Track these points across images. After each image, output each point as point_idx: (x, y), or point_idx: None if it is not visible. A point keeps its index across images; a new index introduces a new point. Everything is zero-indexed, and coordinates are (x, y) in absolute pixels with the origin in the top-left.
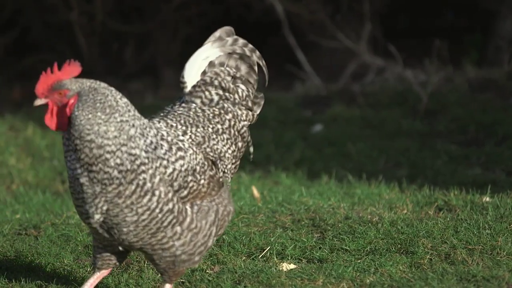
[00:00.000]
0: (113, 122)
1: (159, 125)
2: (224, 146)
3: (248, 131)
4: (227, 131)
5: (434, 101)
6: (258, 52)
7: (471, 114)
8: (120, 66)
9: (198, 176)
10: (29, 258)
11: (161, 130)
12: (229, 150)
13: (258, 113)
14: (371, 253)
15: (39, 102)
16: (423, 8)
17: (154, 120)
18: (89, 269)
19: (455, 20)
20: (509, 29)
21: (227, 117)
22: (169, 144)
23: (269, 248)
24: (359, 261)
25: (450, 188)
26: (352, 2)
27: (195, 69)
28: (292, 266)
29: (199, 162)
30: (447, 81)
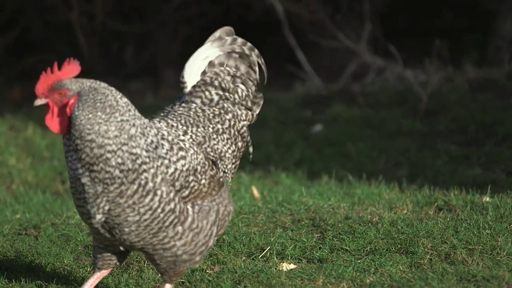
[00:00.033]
0: (114, 122)
1: (160, 125)
2: (225, 146)
3: (248, 131)
4: (227, 131)
5: (434, 101)
6: (257, 51)
7: (471, 114)
8: (120, 66)
9: (199, 176)
10: (29, 258)
11: (162, 130)
12: (229, 150)
13: (258, 113)
14: (371, 253)
15: (39, 102)
16: (423, 8)
17: (155, 120)
18: (89, 269)
19: (455, 20)
20: (509, 29)
21: (227, 117)
22: (170, 144)
23: (269, 248)
24: (359, 261)
25: (450, 188)
26: (352, 2)
27: (195, 69)
28: (292, 266)
29: (200, 162)
30: (447, 81)
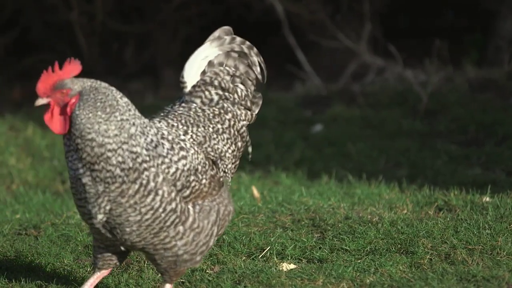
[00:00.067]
0: (114, 121)
1: (160, 125)
2: (225, 146)
3: (247, 131)
4: (227, 131)
5: (434, 101)
6: (256, 49)
7: (471, 114)
8: (120, 66)
9: (200, 176)
10: (29, 258)
11: (162, 130)
12: (229, 150)
13: (257, 113)
14: (371, 253)
15: (41, 102)
16: (423, 8)
17: (155, 120)
18: (89, 269)
19: (455, 20)
20: (509, 29)
21: (227, 117)
22: (170, 143)
23: (269, 248)
24: (359, 261)
25: (450, 188)
26: (352, 2)
27: (195, 69)
28: (292, 266)
29: (201, 162)
30: (447, 81)
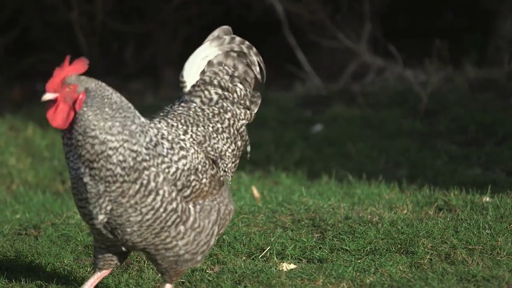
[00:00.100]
0: (118, 118)
1: (160, 125)
2: (225, 145)
3: (246, 130)
4: (227, 130)
5: (434, 101)
6: (255, 49)
7: (471, 114)
8: (120, 66)
9: (200, 175)
10: (29, 258)
11: (162, 130)
12: (229, 149)
13: (256, 112)
14: (371, 253)
15: (49, 97)
16: (423, 8)
17: (155, 120)
18: (89, 269)
19: (455, 20)
20: (509, 29)
21: (227, 116)
22: (170, 143)
23: (269, 248)
24: (359, 261)
25: (450, 188)
26: (352, 2)
27: (194, 69)
28: (292, 266)
29: (201, 161)
30: (447, 81)
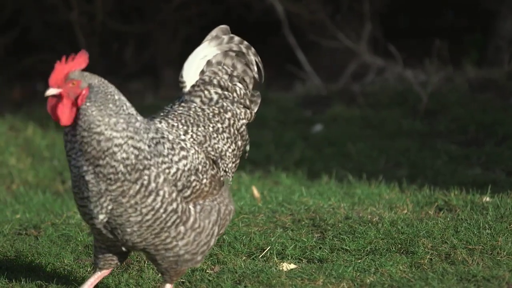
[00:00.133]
0: (122, 114)
1: (160, 125)
2: (225, 145)
3: (246, 130)
4: (227, 130)
5: (434, 101)
6: (254, 49)
7: (471, 114)
8: (120, 66)
9: (201, 176)
10: (29, 258)
11: (162, 130)
12: (230, 149)
13: (256, 112)
14: (371, 253)
15: (52, 92)
16: (423, 8)
17: (156, 120)
18: (89, 269)
19: (455, 20)
20: (509, 29)
21: (227, 116)
22: (171, 143)
23: (269, 248)
24: (359, 261)
25: (450, 188)
26: (352, 2)
27: (194, 69)
28: (292, 266)
29: (201, 162)
30: (447, 81)
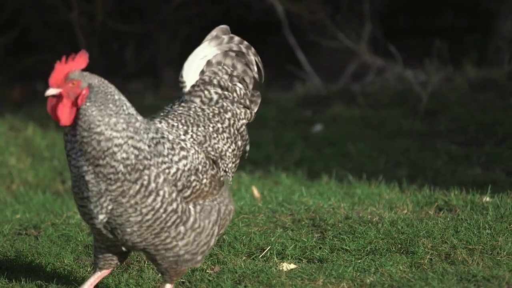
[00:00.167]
0: (122, 114)
1: (160, 125)
2: (225, 145)
3: (246, 130)
4: (227, 130)
5: (434, 101)
6: (253, 49)
7: (471, 114)
8: (120, 66)
9: (201, 176)
10: (29, 258)
11: (162, 130)
12: (230, 149)
13: (256, 112)
14: (371, 253)
15: (52, 92)
16: (423, 8)
17: (156, 120)
18: (89, 269)
19: (455, 20)
20: (509, 29)
21: (227, 116)
22: (171, 143)
23: (269, 248)
24: (359, 261)
25: (450, 188)
26: (352, 2)
27: (194, 69)
28: (292, 266)
29: (201, 162)
30: (447, 81)
